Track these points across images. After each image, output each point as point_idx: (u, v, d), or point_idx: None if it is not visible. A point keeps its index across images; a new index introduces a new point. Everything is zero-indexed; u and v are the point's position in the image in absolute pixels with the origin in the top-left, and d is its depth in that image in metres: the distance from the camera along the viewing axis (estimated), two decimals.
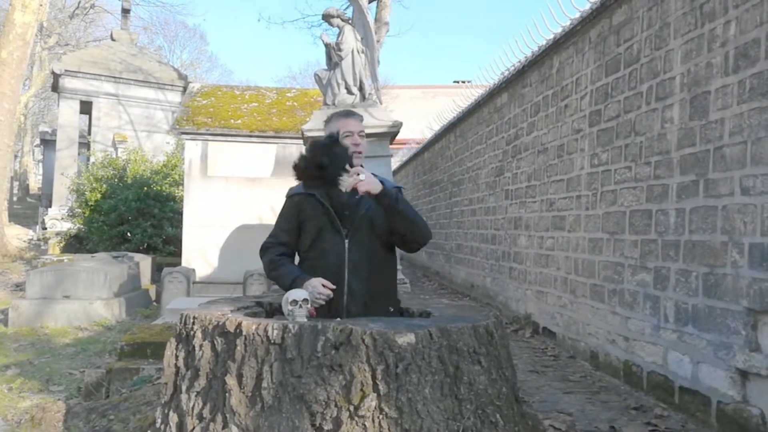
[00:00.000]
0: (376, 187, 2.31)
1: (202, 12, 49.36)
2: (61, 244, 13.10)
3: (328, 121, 2.67)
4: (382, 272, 2.47)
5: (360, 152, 2.51)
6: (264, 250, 2.55)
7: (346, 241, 2.39)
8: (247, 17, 66.96)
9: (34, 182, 31.03)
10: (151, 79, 17.83)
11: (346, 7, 12.38)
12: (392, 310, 2.50)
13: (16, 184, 27.00)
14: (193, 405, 1.97)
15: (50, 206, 17.38)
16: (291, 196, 2.54)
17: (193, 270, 8.63)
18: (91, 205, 11.79)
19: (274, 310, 2.51)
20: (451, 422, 1.86)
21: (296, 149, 9.30)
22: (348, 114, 2.63)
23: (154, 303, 8.66)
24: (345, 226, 2.41)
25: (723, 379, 3.37)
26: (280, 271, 2.46)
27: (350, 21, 7.27)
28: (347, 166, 2.32)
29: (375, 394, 1.81)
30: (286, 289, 2.32)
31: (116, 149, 16.10)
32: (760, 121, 3.17)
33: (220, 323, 1.98)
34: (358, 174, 2.30)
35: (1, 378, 4.67)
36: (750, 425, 3.13)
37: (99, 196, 11.74)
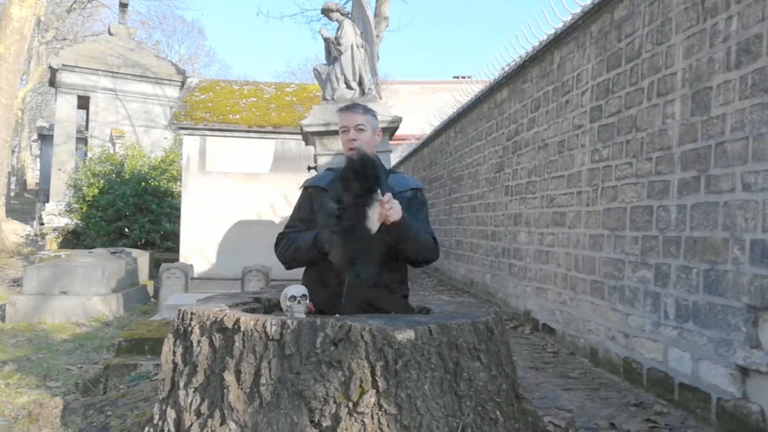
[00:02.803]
0: (398, 215, 2.12)
1: (200, 6, 49.18)
2: (59, 240, 13.08)
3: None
4: (385, 278, 2.31)
5: (353, 149, 2.32)
6: (278, 242, 2.43)
7: None
8: (246, 11, 66.80)
9: (32, 177, 30.98)
10: (149, 74, 17.78)
11: (346, 2, 12.36)
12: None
13: (13, 179, 26.96)
14: (191, 401, 1.96)
15: (47, 202, 17.36)
16: (305, 187, 2.48)
17: (191, 266, 8.61)
18: (89, 201, 11.76)
19: (272, 306, 2.49)
20: (450, 419, 1.85)
21: (295, 145, 9.26)
22: (346, 108, 2.44)
23: (152, 299, 8.64)
24: None
25: (723, 376, 3.36)
26: (297, 242, 2.33)
27: (350, 15, 7.24)
28: (375, 194, 2.07)
29: (374, 391, 1.79)
30: (311, 247, 2.22)
31: (114, 144, 16.07)
32: (762, 117, 3.15)
33: (218, 319, 1.96)
34: (389, 202, 2.08)
35: None
36: (750, 422, 3.12)
37: (96, 191, 11.71)
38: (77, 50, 17.96)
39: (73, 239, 12.81)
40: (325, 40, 7.18)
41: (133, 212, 11.43)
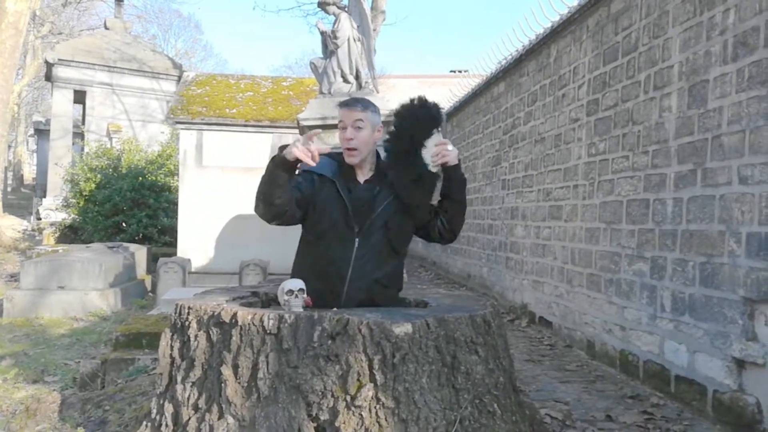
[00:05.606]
0: (455, 159, 2.24)
1: (196, 0, 48.81)
2: (56, 235, 13.04)
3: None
4: (385, 276, 2.29)
5: (350, 149, 2.26)
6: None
7: (357, 239, 2.24)
8: (243, 6, 66.51)
9: (29, 172, 30.89)
10: (146, 68, 17.68)
11: None
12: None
13: (10, 174, 26.88)
14: (189, 395, 1.96)
15: (44, 196, 17.30)
16: (305, 171, 2.31)
17: (189, 260, 8.60)
18: (86, 196, 11.72)
19: (270, 300, 2.49)
20: (448, 412, 1.85)
21: (292, 139, 9.22)
22: (344, 103, 2.35)
23: (150, 293, 8.63)
24: (357, 222, 2.25)
25: (719, 368, 3.38)
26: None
27: (346, 8, 7.20)
28: (433, 134, 2.24)
29: (372, 384, 1.80)
30: (271, 170, 2.13)
31: (110, 139, 16.00)
32: (759, 110, 3.16)
33: (216, 313, 1.96)
34: (446, 144, 2.21)
35: None
36: (746, 414, 3.14)
37: (93, 186, 11.67)
38: (73, 44, 17.85)
39: (70, 234, 12.77)
40: (322, 33, 7.16)
41: (130, 207, 11.40)
